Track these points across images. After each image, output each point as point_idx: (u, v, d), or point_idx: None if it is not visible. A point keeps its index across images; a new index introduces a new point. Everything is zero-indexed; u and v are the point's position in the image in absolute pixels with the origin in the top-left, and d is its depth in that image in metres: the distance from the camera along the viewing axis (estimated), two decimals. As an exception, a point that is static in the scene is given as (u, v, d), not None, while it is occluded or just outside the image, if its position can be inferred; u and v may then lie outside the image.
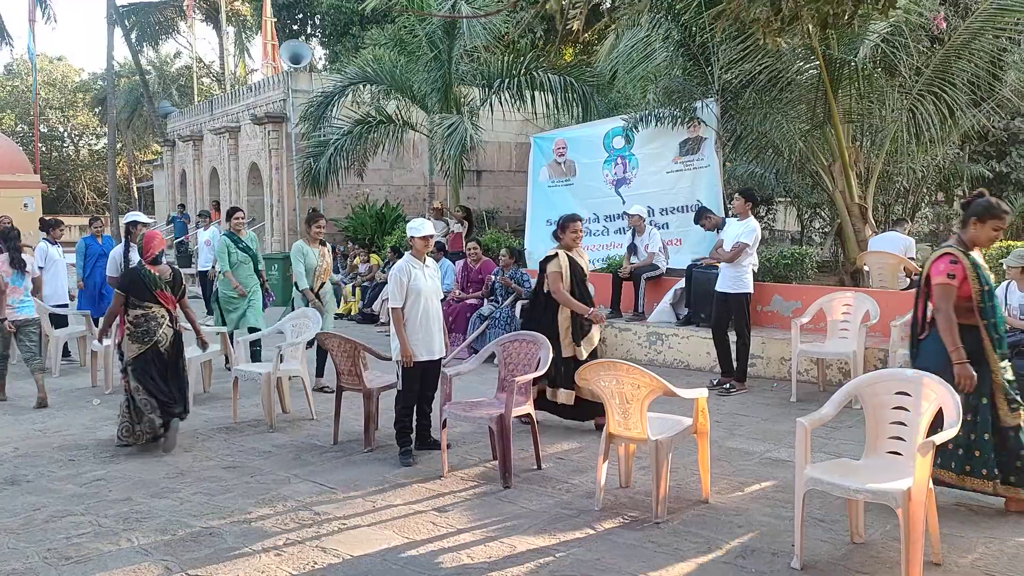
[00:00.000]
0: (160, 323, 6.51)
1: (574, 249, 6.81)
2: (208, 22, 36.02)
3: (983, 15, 9.80)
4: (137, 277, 6.54)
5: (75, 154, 49.21)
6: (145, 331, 6.45)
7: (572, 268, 6.69)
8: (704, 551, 4.38)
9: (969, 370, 4.55)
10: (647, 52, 11.71)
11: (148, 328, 6.46)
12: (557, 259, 6.69)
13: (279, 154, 18.74)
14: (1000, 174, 14.25)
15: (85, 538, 4.70)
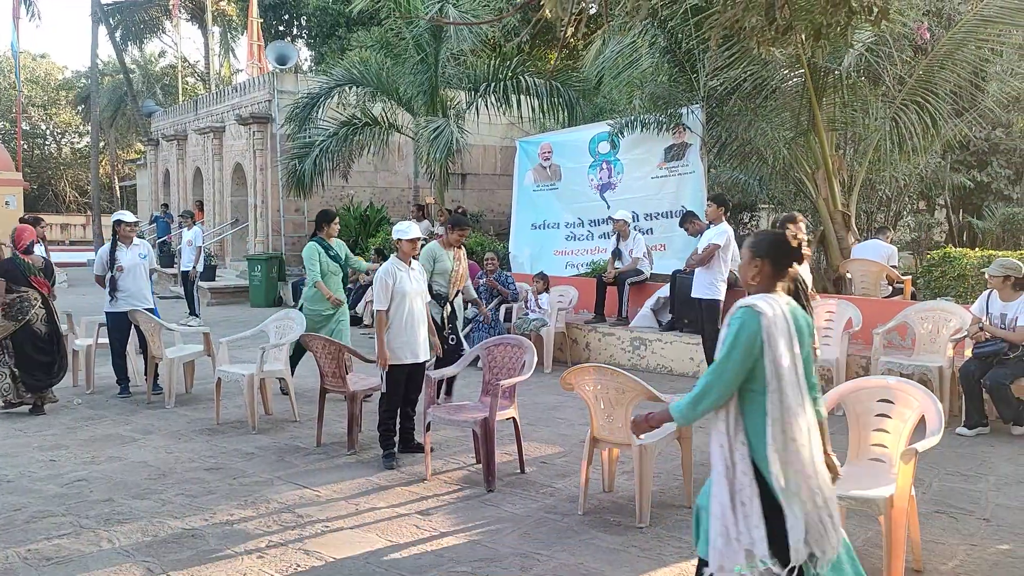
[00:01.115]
0: (33, 304, 7.65)
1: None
2: (193, 22, 35.81)
3: (966, 26, 9.91)
4: (12, 266, 7.64)
5: (57, 152, 48.79)
6: (19, 311, 7.54)
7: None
8: (687, 556, 4.39)
9: None
10: (633, 58, 11.76)
11: (22, 308, 7.56)
12: None
13: (264, 155, 18.65)
14: (981, 184, 14.40)
15: (66, 539, 4.66)
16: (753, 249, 3.06)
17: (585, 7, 4.00)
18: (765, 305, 2.97)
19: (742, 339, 2.93)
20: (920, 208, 16.13)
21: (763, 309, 2.95)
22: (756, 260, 3.04)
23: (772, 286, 3.03)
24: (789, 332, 2.96)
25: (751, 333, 2.93)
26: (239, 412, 7.51)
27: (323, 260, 7.96)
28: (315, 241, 8.09)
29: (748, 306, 2.99)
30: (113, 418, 7.56)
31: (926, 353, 7.40)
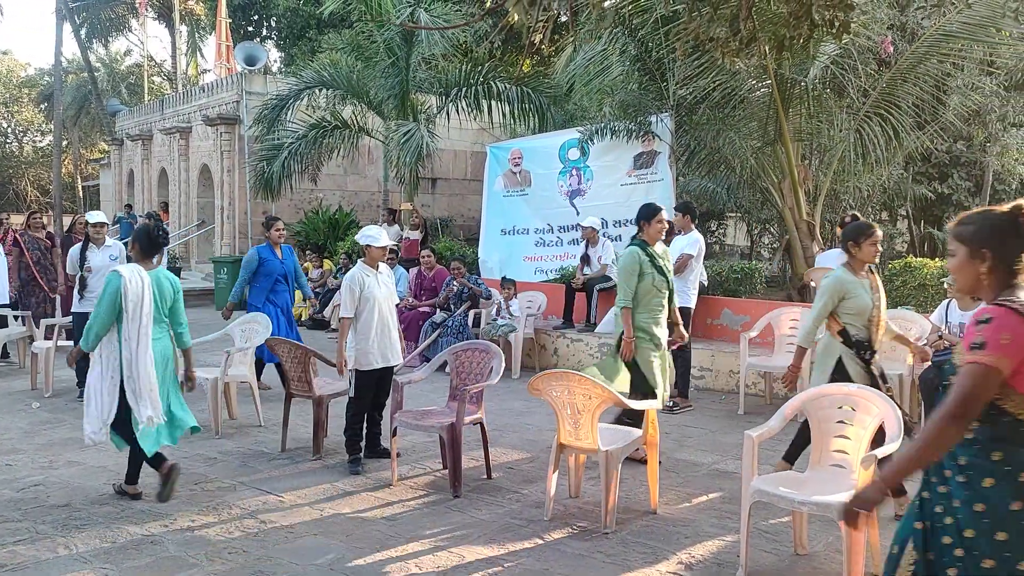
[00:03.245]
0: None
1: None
2: (160, 20, 35.42)
3: (929, 41, 10.09)
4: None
5: (19, 151, 47.96)
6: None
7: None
8: (651, 561, 4.42)
9: None
10: (604, 65, 11.83)
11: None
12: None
13: (231, 156, 18.49)
14: (942, 195, 14.64)
15: (22, 545, 4.57)
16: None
17: (553, 14, 4.02)
18: (124, 269, 5.08)
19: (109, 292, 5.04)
20: (883, 218, 16.37)
21: (123, 273, 5.07)
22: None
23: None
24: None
25: (114, 289, 5.04)
26: (202, 416, 7.39)
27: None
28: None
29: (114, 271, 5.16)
30: (72, 422, 7.42)
31: (887, 361, 7.49)
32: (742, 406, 7.95)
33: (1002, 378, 2.40)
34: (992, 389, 2.41)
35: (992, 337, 2.41)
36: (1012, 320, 2.42)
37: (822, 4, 3.81)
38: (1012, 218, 2.55)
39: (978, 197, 15.08)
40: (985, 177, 14.80)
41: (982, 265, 2.58)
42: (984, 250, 2.57)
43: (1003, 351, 2.39)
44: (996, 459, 2.44)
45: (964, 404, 2.41)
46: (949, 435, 2.44)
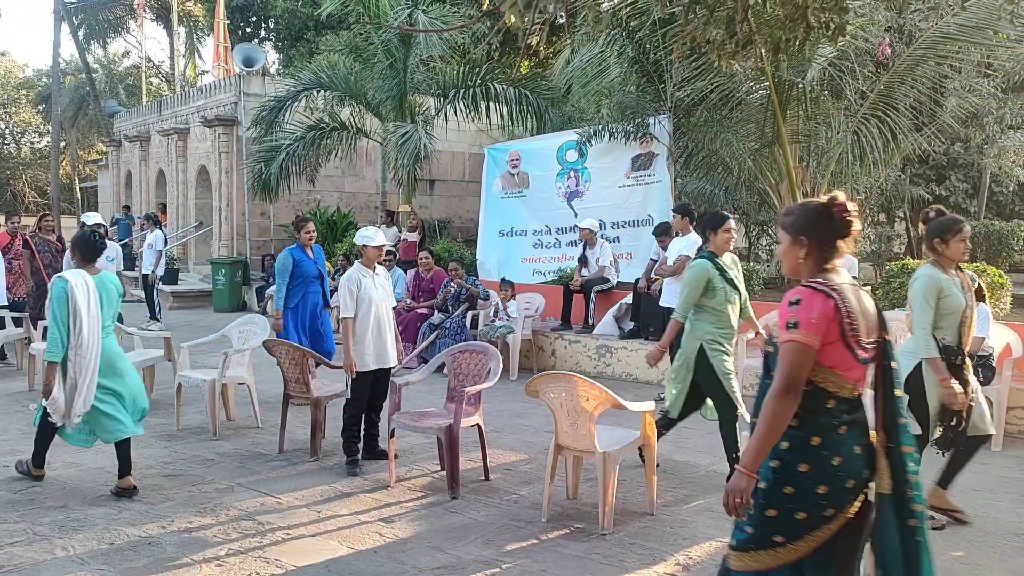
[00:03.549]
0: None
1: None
2: (159, 22, 35.43)
3: (926, 43, 10.10)
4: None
5: (16, 152, 47.94)
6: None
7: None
8: (649, 563, 4.42)
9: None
10: (602, 67, 11.84)
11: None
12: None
13: (229, 158, 18.48)
14: (939, 197, 14.66)
15: (19, 547, 4.57)
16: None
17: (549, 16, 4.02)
18: (68, 275, 5.18)
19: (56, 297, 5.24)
20: (880, 220, 16.40)
21: (68, 278, 5.16)
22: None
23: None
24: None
25: (60, 293, 5.24)
26: (200, 418, 7.42)
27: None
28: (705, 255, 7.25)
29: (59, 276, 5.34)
30: (70, 423, 7.42)
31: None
32: (741, 407, 7.95)
33: (815, 352, 2.71)
34: (810, 363, 2.72)
35: (803, 316, 2.72)
36: (818, 299, 2.73)
37: (817, 7, 3.82)
38: (826, 209, 2.89)
39: (975, 199, 15.12)
40: (982, 179, 14.84)
41: (801, 251, 2.91)
42: (802, 237, 2.90)
43: (813, 328, 2.70)
44: (793, 425, 2.76)
45: (789, 379, 2.70)
46: (784, 410, 2.71)
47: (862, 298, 2.86)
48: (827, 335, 2.72)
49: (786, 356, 2.73)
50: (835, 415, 2.78)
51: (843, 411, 2.79)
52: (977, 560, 4.49)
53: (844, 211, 2.87)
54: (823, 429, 2.77)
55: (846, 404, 2.80)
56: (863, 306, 2.83)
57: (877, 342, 2.85)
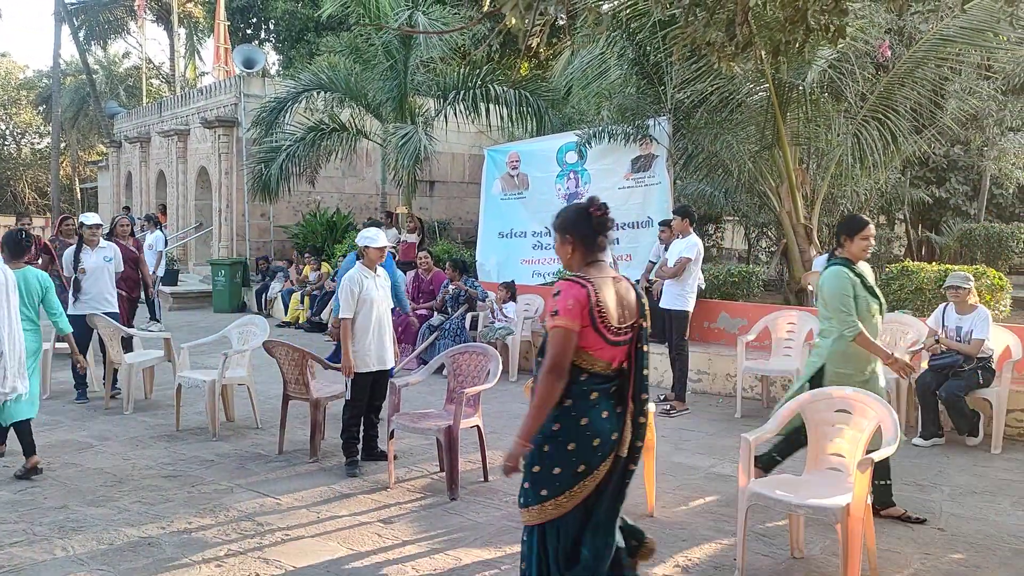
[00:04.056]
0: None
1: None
2: (159, 23, 35.42)
3: (926, 45, 10.11)
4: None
5: (17, 152, 47.90)
6: None
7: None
8: (647, 564, 4.41)
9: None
10: (602, 69, 11.85)
11: None
12: None
13: (229, 159, 18.48)
14: (939, 199, 14.69)
15: (18, 547, 4.57)
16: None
17: (549, 18, 4.01)
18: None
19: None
20: (880, 222, 16.41)
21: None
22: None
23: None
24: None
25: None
26: (200, 419, 7.42)
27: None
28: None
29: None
30: (69, 424, 7.43)
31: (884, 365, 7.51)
32: (739, 409, 7.96)
33: (576, 336, 3.17)
34: (572, 344, 3.17)
35: (562, 305, 3.18)
36: (574, 289, 3.22)
37: (817, 9, 3.82)
38: (585, 210, 3.39)
39: (975, 201, 15.14)
40: (982, 181, 14.86)
41: (568, 247, 3.40)
42: (568, 235, 3.39)
43: (570, 314, 3.17)
44: (584, 388, 3.24)
45: (554, 359, 3.17)
46: (552, 386, 3.18)
47: (621, 290, 3.36)
48: (582, 321, 3.18)
49: (552, 340, 3.20)
50: (587, 385, 3.25)
51: (596, 383, 3.27)
52: (976, 563, 4.49)
53: (600, 212, 3.38)
54: (575, 396, 3.24)
55: (599, 377, 3.28)
56: (621, 296, 3.34)
57: (632, 327, 3.36)
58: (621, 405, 3.33)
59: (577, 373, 3.23)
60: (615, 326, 3.27)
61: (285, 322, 14.32)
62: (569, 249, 3.40)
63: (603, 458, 3.25)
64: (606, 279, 3.32)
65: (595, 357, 3.24)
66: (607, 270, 3.38)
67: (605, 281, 3.30)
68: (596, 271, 3.33)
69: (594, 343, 3.23)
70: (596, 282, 3.26)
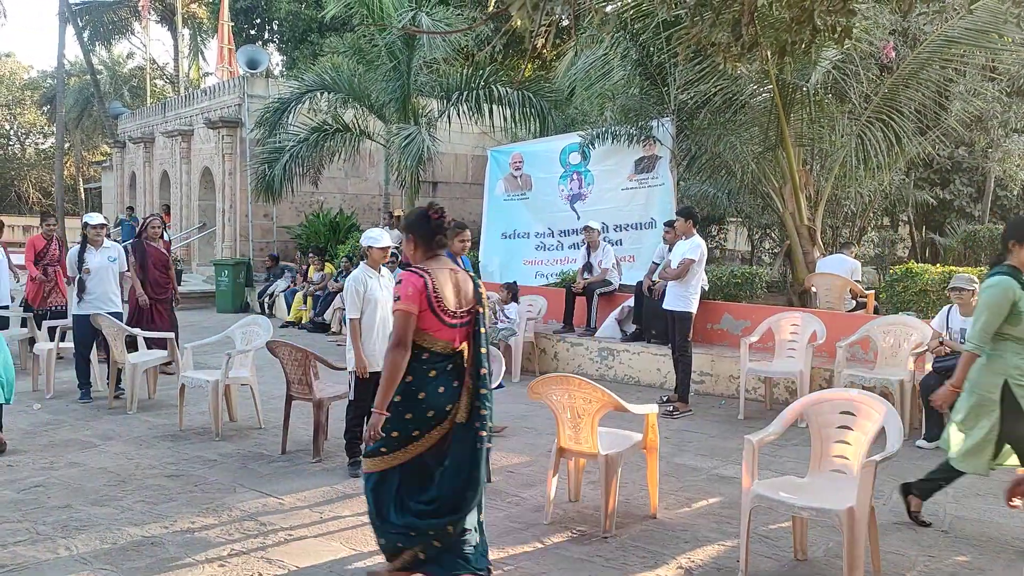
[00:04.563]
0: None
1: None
2: (163, 23, 35.50)
3: (931, 46, 10.10)
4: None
5: (21, 153, 47.98)
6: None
7: None
8: (651, 566, 4.41)
9: None
10: (605, 70, 11.85)
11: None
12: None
13: (233, 159, 18.50)
14: (943, 201, 14.66)
15: (22, 546, 4.57)
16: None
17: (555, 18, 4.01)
18: None
19: None
20: (884, 224, 16.39)
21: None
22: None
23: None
24: None
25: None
26: (203, 419, 7.43)
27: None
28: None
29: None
30: (73, 423, 7.44)
31: (888, 367, 7.51)
32: (742, 411, 7.95)
33: (415, 318, 3.75)
34: (411, 325, 3.75)
35: (404, 292, 3.77)
36: (413, 279, 3.80)
37: (824, 9, 3.81)
38: (425, 214, 3.97)
39: (980, 203, 15.10)
40: (987, 183, 14.82)
41: (411, 244, 3.99)
42: (411, 234, 3.98)
43: (409, 299, 3.75)
44: (423, 365, 3.83)
45: (398, 337, 3.76)
46: (398, 359, 3.76)
47: (459, 280, 3.94)
48: (420, 305, 3.75)
49: (396, 321, 3.80)
50: (427, 364, 3.83)
51: (435, 362, 3.85)
52: (980, 565, 4.47)
53: (437, 216, 3.95)
54: (416, 372, 3.81)
55: (439, 356, 3.85)
56: (458, 286, 3.92)
57: (470, 312, 3.93)
58: (459, 380, 3.92)
59: (419, 352, 3.82)
60: (452, 310, 3.85)
61: (288, 322, 14.33)
62: (412, 246, 4.00)
63: (436, 425, 3.85)
64: (444, 271, 3.91)
65: (435, 338, 3.83)
66: (446, 263, 3.97)
67: (443, 272, 3.90)
68: (435, 264, 3.92)
69: (433, 325, 3.81)
70: (434, 273, 3.85)
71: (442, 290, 3.82)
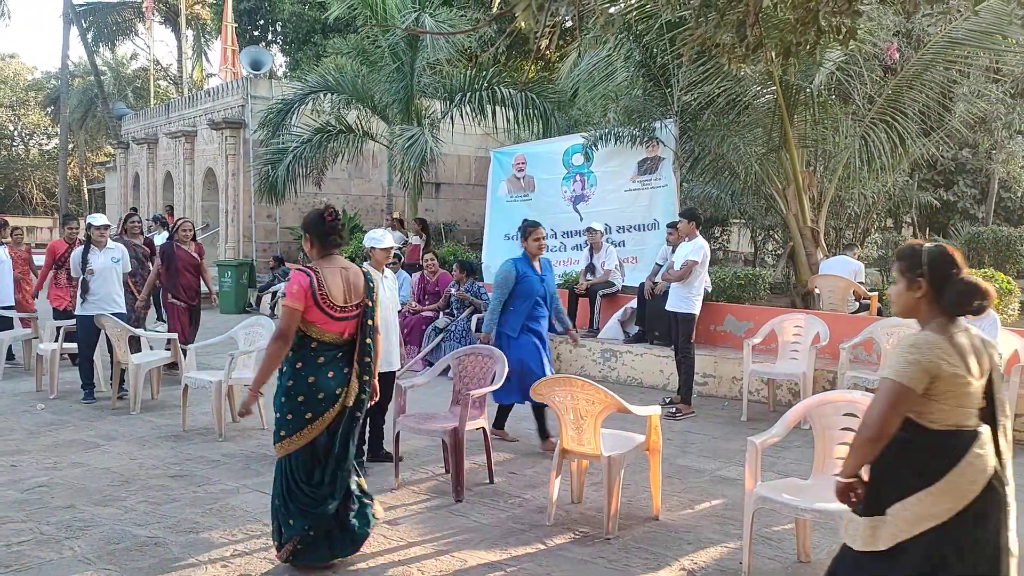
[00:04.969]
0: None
1: None
2: (167, 25, 35.55)
3: (935, 48, 10.09)
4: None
5: (25, 154, 48.08)
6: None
7: None
8: (653, 567, 4.41)
9: None
10: (608, 71, 11.85)
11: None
12: None
13: (236, 160, 18.53)
14: (947, 203, 14.65)
15: (26, 546, 4.57)
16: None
17: (559, 20, 3.99)
18: None
19: None
20: (887, 225, 16.38)
21: None
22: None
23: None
24: None
25: None
26: (206, 419, 7.43)
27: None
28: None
29: None
30: (76, 423, 7.45)
31: (889, 368, 7.49)
32: (745, 412, 7.94)
33: (301, 311, 4.12)
34: (295, 318, 4.12)
35: (290, 289, 4.16)
36: (300, 277, 4.16)
37: (829, 10, 3.81)
38: (320, 215, 4.36)
39: (983, 204, 15.09)
40: (991, 184, 14.82)
41: (308, 243, 4.40)
42: (308, 234, 4.38)
43: (295, 296, 4.13)
44: (289, 356, 4.23)
45: (281, 331, 4.12)
46: (278, 349, 4.15)
47: (350, 276, 4.31)
48: (305, 301, 4.11)
49: (282, 314, 4.22)
50: (316, 352, 4.21)
51: (324, 350, 4.22)
52: (984, 567, 4.46)
53: (332, 218, 4.34)
54: (306, 359, 4.20)
55: (328, 346, 4.24)
56: (349, 282, 4.28)
57: (358, 306, 4.31)
58: (349, 367, 4.29)
59: (308, 342, 4.19)
60: (339, 305, 4.22)
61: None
62: (309, 244, 4.39)
63: (328, 407, 4.22)
64: (334, 269, 4.28)
65: (323, 329, 4.20)
66: (338, 261, 4.35)
67: (333, 270, 4.26)
68: (327, 262, 4.29)
69: (320, 318, 4.18)
70: (323, 271, 4.22)
71: (329, 287, 4.18)
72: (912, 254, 2.86)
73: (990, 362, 2.82)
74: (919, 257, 2.83)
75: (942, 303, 2.79)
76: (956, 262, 2.81)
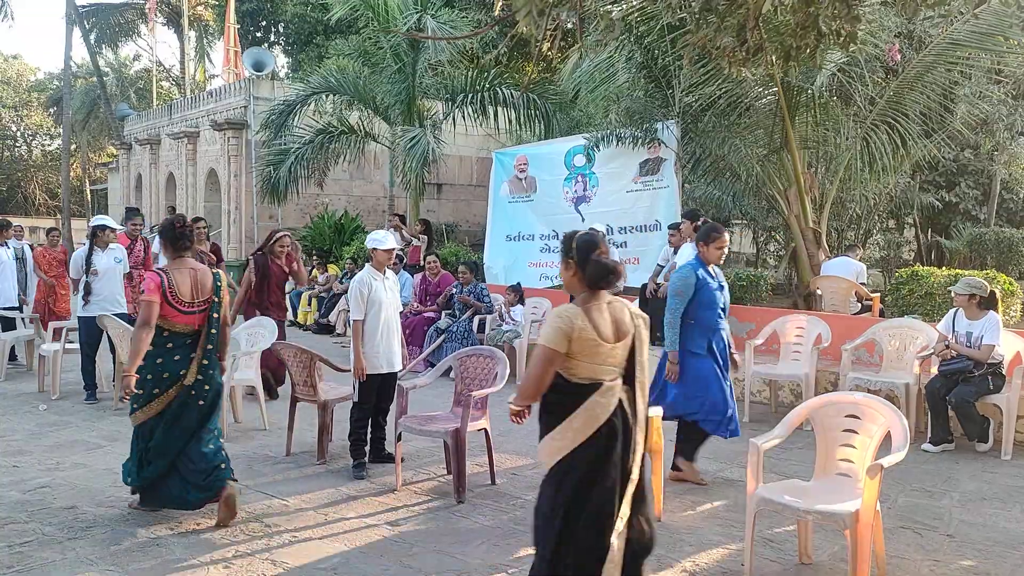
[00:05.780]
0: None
1: None
2: (169, 26, 35.54)
3: (936, 49, 10.08)
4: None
5: (27, 154, 48.13)
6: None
7: None
8: (655, 569, 4.41)
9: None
10: (610, 72, 11.85)
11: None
12: None
13: (238, 161, 18.55)
14: (949, 204, 14.62)
15: (29, 546, 4.58)
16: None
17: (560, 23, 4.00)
18: None
19: None
20: (889, 227, 16.35)
21: None
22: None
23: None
24: None
25: None
26: (208, 420, 7.42)
27: None
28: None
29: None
30: (79, 424, 7.46)
31: (893, 370, 7.50)
32: (747, 414, 7.94)
33: (157, 305, 4.83)
34: (155, 311, 4.82)
35: (147, 287, 4.86)
36: (153, 277, 4.91)
37: (829, 15, 3.81)
38: (172, 224, 5.13)
39: (985, 206, 15.06)
40: (993, 186, 14.78)
41: (163, 246, 5.17)
42: (162, 239, 5.13)
43: (151, 292, 4.83)
44: (164, 340, 4.95)
45: (143, 319, 4.81)
46: (141, 335, 4.81)
47: (199, 277, 5.00)
48: (159, 297, 4.82)
49: (142, 308, 4.87)
50: (167, 339, 4.94)
51: (174, 338, 4.96)
52: (986, 569, 4.46)
53: (180, 225, 5.10)
54: (158, 345, 4.91)
55: (178, 335, 4.97)
56: (197, 281, 4.99)
57: (206, 301, 5.03)
58: (193, 352, 5.01)
59: (161, 331, 4.90)
60: (187, 301, 4.94)
61: (293, 323, 14.34)
62: (163, 247, 5.16)
63: (170, 385, 4.94)
64: (184, 270, 4.98)
65: (174, 322, 4.93)
66: (188, 263, 5.03)
67: (182, 272, 4.97)
68: (177, 264, 5.00)
69: (170, 312, 4.89)
70: (172, 272, 4.94)
71: (178, 285, 4.91)
72: (566, 240, 3.46)
73: (634, 330, 3.45)
74: (571, 243, 3.43)
75: (586, 279, 3.38)
76: (597, 246, 3.40)
